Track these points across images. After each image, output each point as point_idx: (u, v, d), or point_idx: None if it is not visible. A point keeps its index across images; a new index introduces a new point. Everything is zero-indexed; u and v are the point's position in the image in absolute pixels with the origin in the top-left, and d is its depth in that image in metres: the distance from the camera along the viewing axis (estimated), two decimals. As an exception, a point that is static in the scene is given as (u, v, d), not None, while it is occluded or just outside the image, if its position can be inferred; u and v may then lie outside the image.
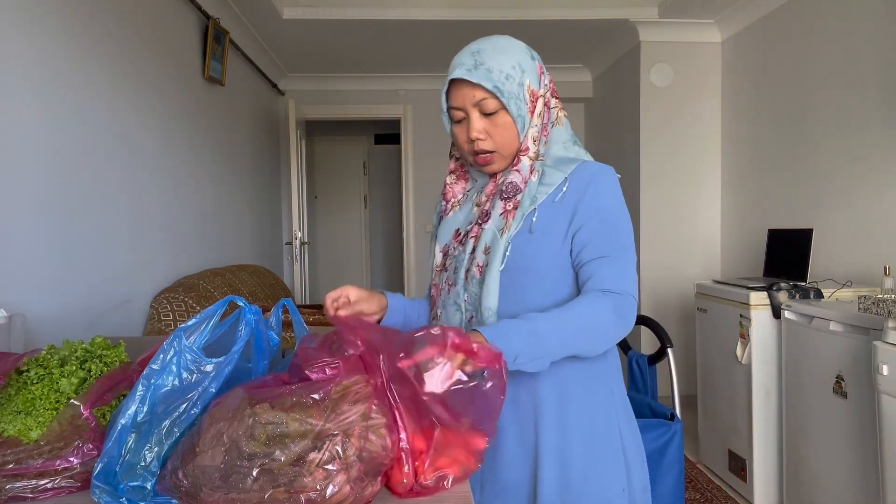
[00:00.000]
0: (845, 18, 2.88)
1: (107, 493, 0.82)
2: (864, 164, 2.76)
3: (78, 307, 2.13)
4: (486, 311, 1.09)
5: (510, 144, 1.11)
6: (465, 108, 1.11)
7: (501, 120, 1.09)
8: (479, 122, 1.10)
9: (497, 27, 3.91)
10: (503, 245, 1.09)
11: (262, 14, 3.77)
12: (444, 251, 1.21)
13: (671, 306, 4.11)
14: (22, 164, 1.86)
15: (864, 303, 1.88)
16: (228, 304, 0.97)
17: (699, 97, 4.06)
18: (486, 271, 1.09)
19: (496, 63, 1.08)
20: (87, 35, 2.20)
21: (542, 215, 1.10)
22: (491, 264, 1.09)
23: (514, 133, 1.10)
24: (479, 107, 1.09)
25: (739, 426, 2.72)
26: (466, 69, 1.08)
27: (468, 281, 1.13)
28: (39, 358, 0.99)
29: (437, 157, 5.39)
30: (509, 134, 1.10)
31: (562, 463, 1.10)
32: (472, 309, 1.13)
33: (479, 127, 1.09)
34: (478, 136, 1.10)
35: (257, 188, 4.53)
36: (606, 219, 1.09)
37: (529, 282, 1.10)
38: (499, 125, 1.09)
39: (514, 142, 1.11)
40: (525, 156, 1.12)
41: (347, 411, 0.82)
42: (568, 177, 1.10)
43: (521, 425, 1.12)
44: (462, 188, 1.24)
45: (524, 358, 0.98)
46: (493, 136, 1.10)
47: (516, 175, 1.11)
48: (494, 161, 1.13)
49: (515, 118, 1.09)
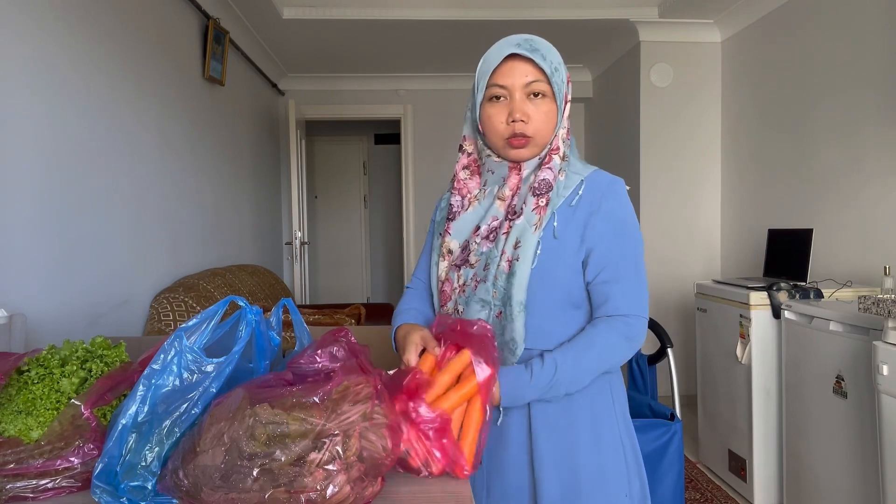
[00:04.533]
0: (845, 18, 2.88)
1: (107, 492, 0.82)
2: (865, 164, 2.76)
3: (78, 307, 2.13)
4: (515, 305, 1.09)
5: (546, 134, 1.12)
6: (511, 86, 1.10)
7: (546, 107, 1.10)
8: (523, 104, 1.10)
9: (497, 27, 3.91)
10: (535, 241, 1.09)
11: (262, 14, 3.77)
12: (464, 246, 1.18)
13: (671, 306, 4.11)
14: (22, 164, 1.86)
15: (864, 303, 1.88)
16: (229, 304, 0.97)
17: (699, 97, 4.06)
18: (517, 265, 1.09)
19: (549, 53, 1.11)
20: (87, 35, 2.20)
21: (560, 219, 1.11)
22: (522, 259, 1.09)
23: (553, 123, 1.12)
24: (528, 88, 1.09)
25: (739, 426, 2.72)
26: (525, 49, 1.09)
27: (497, 276, 1.12)
28: (40, 358, 0.99)
29: (437, 156, 5.40)
30: (549, 122, 1.11)
31: (564, 468, 1.10)
32: (500, 304, 1.12)
33: (523, 108, 1.09)
34: (521, 118, 1.09)
35: (257, 188, 4.53)
36: (623, 240, 1.12)
37: (549, 285, 1.10)
38: (542, 111, 1.10)
39: (550, 132, 1.13)
40: (556, 155, 1.14)
41: (348, 411, 0.82)
42: (584, 179, 1.13)
43: (525, 431, 1.12)
44: (477, 183, 1.21)
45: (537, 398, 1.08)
46: (534, 120, 1.10)
47: (549, 172, 1.12)
48: (528, 146, 1.12)
49: (560, 107, 1.12)
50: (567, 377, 1.06)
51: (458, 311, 1.17)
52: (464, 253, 1.18)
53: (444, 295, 1.20)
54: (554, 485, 1.09)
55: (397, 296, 6.63)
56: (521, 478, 1.12)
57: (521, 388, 1.05)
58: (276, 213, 5.14)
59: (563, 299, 1.11)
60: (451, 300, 1.18)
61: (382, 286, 7.01)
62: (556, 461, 1.10)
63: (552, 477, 1.10)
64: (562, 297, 1.11)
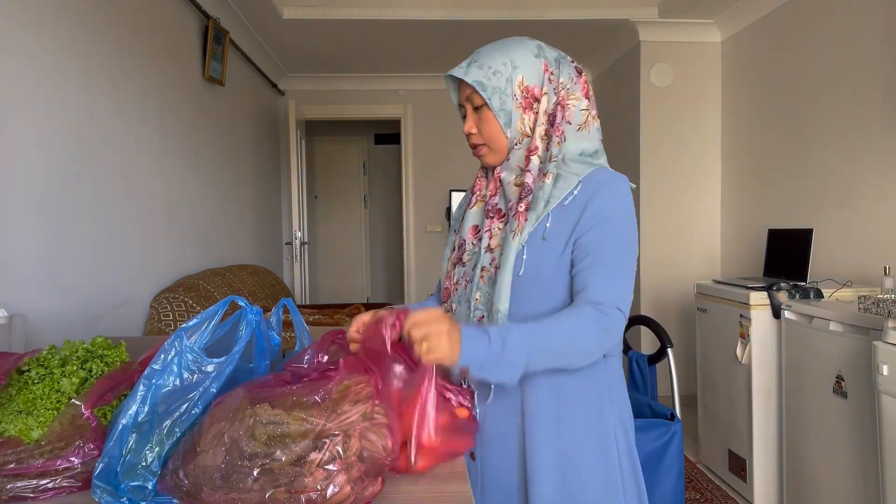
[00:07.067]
0: (845, 18, 2.88)
1: (108, 492, 0.82)
2: (864, 164, 2.76)
3: (78, 307, 2.13)
4: (496, 313, 1.09)
5: (496, 138, 1.14)
6: (463, 104, 1.17)
7: (486, 114, 1.13)
8: (470, 117, 1.16)
9: (497, 27, 3.91)
10: (515, 248, 1.09)
11: (262, 14, 3.77)
12: (461, 244, 1.21)
13: (671, 306, 4.11)
14: (22, 165, 1.86)
15: (864, 303, 1.88)
16: (229, 304, 0.97)
17: (699, 97, 4.06)
18: (499, 273, 1.09)
19: (487, 60, 1.12)
20: (86, 35, 2.20)
21: (554, 220, 1.10)
22: (503, 267, 1.09)
23: (498, 127, 1.13)
24: (469, 102, 1.15)
25: (739, 426, 2.72)
26: (460, 67, 1.14)
27: (483, 280, 1.13)
28: (40, 358, 0.99)
29: (438, 157, 5.41)
30: (493, 127, 1.14)
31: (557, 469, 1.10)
32: (483, 309, 1.13)
33: (469, 122, 1.16)
34: (469, 131, 1.16)
35: (257, 188, 4.53)
36: (610, 229, 1.08)
37: (536, 288, 1.09)
38: (484, 119, 1.14)
39: (500, 135, 1.14)
40: (534, 155, 1.12)
41: (348, 411, 0.82)
42: (582, 179, 1.10)
43: (516, 433, 1.12)
44: (485, 183, 1.24)
45: (490, 369, 0.97)
46: (481, 129, 1.15)
47: (528, 176, 1.11)
48: (486, 154, 1.17)
49: (497, 112, 1.12)
50: (522, 342, 0.98)
51: (452, 309, 1.20)
52: (459, 251, 1.21)
53: (446, 292, 1.23)
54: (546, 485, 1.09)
55: (397, 296, 6.63)
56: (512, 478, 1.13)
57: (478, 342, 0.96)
58: (276, 213, 5.14)
59: (552, 301, 1.10)
60: (450, 297, 1.22)
61: (382, 286, 7.01)
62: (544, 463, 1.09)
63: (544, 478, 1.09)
64: (550, 299, 1.10)
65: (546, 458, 1.10)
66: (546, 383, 1.10)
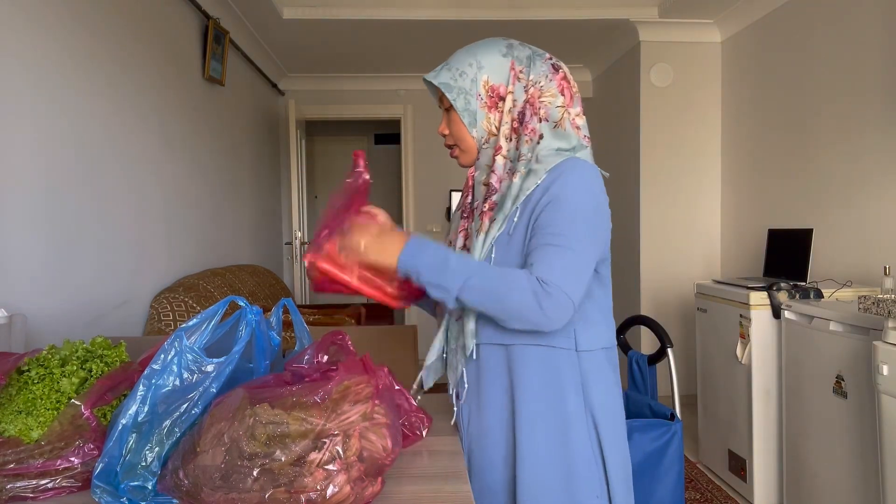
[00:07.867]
0: (845, 18, 2.88)
1: (107, 492, 0.82)
2: (864, 164, 2.76)
3: (78, 307, 2.13)
4: (469, 311, 1.11)
5: (464, 138, 1.16)
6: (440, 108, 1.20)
7: (454, 115, 1.15)
8: (443, 119, 1.19)
9: (497, 27, 3.91)
10: (479, 246, 1.09)
11: (262, 14, 3.77)
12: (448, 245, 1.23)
13: (671, 306, 4.11)
14: (22, 165, 1.86)
15: (864, 303, 1.88)
16: (229, 304, 0.97)
17: (699, 97, 4.06)
18: None
19: (455, 61, 1.15)
20: (86, 35, 2.20)
21: (519, 213, 1.08)
22: None
23: (463, 127, 1.15)
24: (441, 103, 1.18)
25: (739, 426, 2.72)
26: (434, 70, 1.16)
27: None
28: (40, 358, 0.99)
29: (438, 157, 5.40)
30: (459, 128, 1.16)
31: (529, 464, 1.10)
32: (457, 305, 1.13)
33: (442, 123, 1.19)
34: (441, 132, 1.20)
35: (257, 188, 4.53)
36: (563, 209, 1.04)
37: None
38: (453, 120, 1.16)
39: (466, 136, 1.16)
40: (499, 154, 1.11)
41: (348, 411, 0.82)
42: (549, 170, 1.07)
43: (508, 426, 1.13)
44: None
45: (427, 277, 1.03)
46: (451, 131, 1.18)
47: (493, 176, 1.11)
48: (458, 154, 1.20)
49: (461, 113, 1.13)
50: (462, 268, 1.02)
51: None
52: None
53: None
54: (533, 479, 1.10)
55: (397, 296, 6.61)
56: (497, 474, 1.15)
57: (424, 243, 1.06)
58: (275, 213, 5.14)
59: None
60: None
61: (382, 286, 7.00)
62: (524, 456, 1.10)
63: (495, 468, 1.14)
64: None
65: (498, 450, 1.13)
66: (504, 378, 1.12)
